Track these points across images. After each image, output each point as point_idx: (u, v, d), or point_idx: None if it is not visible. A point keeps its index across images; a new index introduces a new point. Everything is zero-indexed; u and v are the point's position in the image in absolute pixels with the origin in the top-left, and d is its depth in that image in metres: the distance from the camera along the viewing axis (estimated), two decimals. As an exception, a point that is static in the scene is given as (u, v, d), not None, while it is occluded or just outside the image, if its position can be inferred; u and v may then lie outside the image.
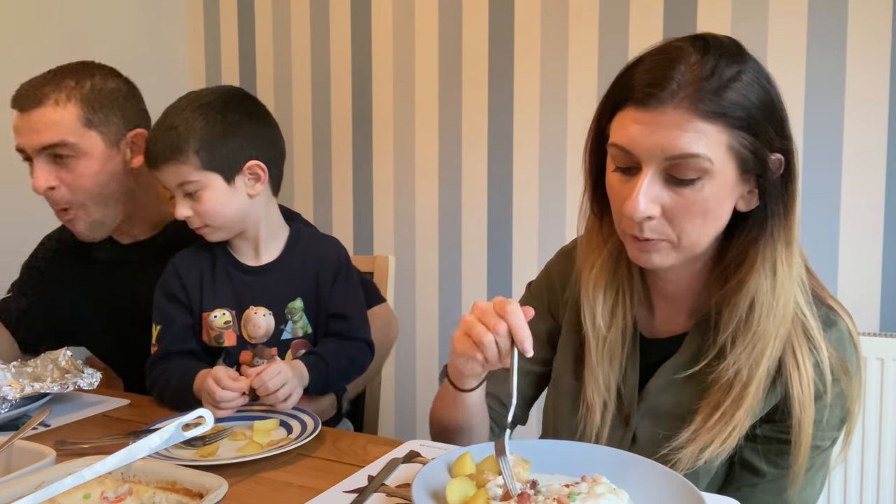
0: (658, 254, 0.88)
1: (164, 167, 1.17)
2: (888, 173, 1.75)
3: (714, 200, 0.84)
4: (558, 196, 2.14)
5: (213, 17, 2.74)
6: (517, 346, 0.85)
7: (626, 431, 0.98)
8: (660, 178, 0.84)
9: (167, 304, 1.25)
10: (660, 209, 0.85)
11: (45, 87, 1.28)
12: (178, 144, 1.15)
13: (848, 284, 1.80)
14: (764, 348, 0.87)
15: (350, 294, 1.29)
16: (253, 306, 1.24)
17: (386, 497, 0.85)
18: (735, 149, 0.83)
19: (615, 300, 0.98)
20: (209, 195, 1.17)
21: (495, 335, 0.85)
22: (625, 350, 0.98)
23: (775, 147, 0.85)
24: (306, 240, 1.30)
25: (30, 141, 1.28)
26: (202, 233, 1.22)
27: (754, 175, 0.86)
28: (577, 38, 2.08)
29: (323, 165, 2.52)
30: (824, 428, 0.90)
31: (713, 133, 0.81)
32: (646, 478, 0.82)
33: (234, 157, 1.18)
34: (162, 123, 1.19)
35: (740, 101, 0.81)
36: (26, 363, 1.19)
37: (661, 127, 0.82)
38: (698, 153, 0.81)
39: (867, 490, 1.57)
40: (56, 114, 1.27)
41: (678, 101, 0.81)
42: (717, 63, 0.82)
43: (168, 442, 0.76)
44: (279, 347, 1.24)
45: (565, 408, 1.04)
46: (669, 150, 0.82)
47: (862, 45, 1.76)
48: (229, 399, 1.07)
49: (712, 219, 0.86)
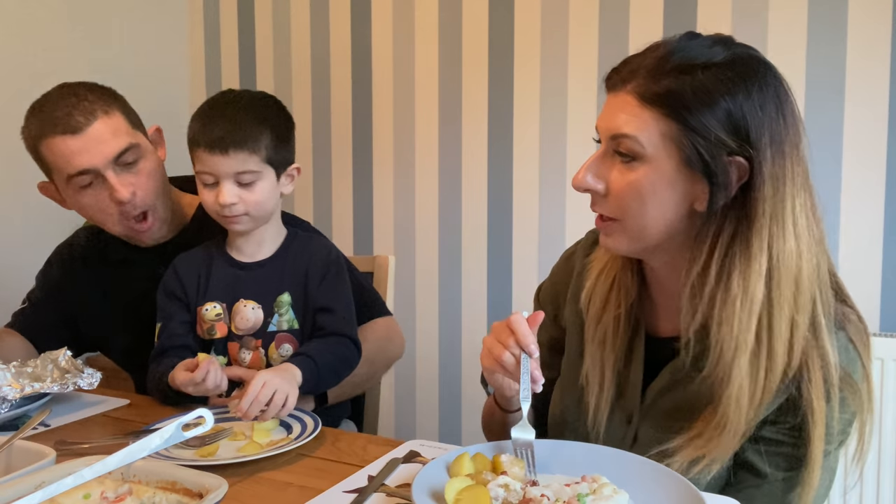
0: (611, 237, 0.93)
1: (232, 153, 1.19)
2: (888, 173, 1.75)
3: (649, 185, 0.86)
4: (558, 196, 2.14)
5: (213, 17, 2.74)
6: (524, 350, 0.90)
7: (628, 430, 0.98)
8: (609, 157, 0.90)
9: (166, 302, 1.30)
10: (604, 186, 0.90)
11: (82, 103, 1.28)
12: (254, 135, 1.19)
13: (848, 284, 1.78)
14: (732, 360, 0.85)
15: (338, 290, 1.31)
16: (243, 299, 1.27)
17: (386, 497, 0.85)
18: (674, 139, 0.84)
19: (609, 287, 1.01)
20: (262, 187, 1.22)
21: (507, 348, 0.91)
22: (618, 337, 0.99)
23: (734, 151, 0.83)
24: (300, 240, 1.34)
25: (100, 155, 1.27)
26: (235, 221, 1.23)
27: (704, 175, 0.84)
28: (577, 38, 2.08)
29: (323, 165, 2.52)
30: (830, 431, 0.89)
31: (648, 119, 0.85)
32: (646, 478, 0.82)
33: (287, 156, 1.27)
34: (229, 112, 1.21)
35: (683, 94, 0.83)
36: (26, 363, 1.19)
37: (611, 109, 0.89)
38: (628, 133, 0.86)
39: (867, 490, 1.57)
40: (112, 122, 1.29)
41: (626, 85, 0.87)
42: (674, 54, 0.85)
43: (168, 442, 0.76)
44: (264, 339, 1.26)
45: (569, 399, 1.05)
46: (611, 129, 0.88)
47: (862, 44, 1.76)
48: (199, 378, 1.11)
49: (652, 205, 0.87)
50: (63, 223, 1.86)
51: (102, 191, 1.31)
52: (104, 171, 1.28)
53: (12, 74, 2.17)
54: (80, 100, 1.28)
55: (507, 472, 0.82)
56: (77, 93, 1.30)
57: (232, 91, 1.29)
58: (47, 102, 1.29)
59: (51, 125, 1.26)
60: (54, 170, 1.31)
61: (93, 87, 1.33)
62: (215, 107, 1.24)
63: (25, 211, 2.21)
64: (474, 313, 2.31)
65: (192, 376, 1.11)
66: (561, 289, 1.12)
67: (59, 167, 1.29)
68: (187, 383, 1.12)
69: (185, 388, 1.13)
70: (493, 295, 2.27)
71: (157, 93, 2.48)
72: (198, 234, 1.40)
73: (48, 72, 1.38)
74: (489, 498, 0.76)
